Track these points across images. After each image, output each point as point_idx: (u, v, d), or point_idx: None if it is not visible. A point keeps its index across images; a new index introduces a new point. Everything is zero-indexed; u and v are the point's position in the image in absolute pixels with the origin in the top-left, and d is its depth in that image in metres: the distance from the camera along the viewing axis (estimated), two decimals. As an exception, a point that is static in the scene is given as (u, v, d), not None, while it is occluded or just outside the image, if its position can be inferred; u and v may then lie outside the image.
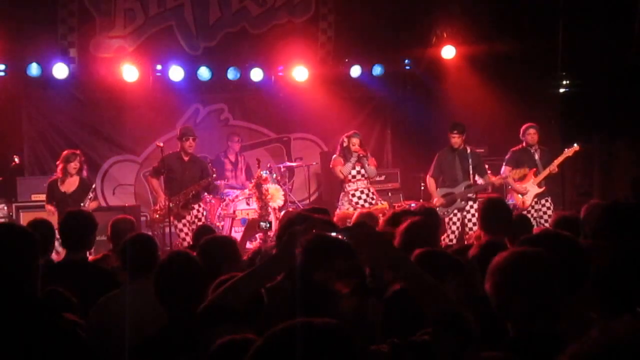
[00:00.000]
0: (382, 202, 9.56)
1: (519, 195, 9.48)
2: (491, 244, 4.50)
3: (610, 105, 11.01)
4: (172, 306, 3.33)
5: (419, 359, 2.24)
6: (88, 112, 12.04)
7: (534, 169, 9.45)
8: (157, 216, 9.62)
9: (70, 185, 8.90)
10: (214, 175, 9.94)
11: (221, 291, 2.55)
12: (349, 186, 9.58)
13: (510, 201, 10.26)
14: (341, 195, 9.76)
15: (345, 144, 9.63)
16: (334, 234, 2.50)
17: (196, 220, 9.69)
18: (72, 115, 11.99)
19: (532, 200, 9.43)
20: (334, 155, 9.84)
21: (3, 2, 10.66)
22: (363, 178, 9.62)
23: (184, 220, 9.60)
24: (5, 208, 9.86)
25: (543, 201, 9.51)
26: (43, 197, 9.88)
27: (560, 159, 9.46)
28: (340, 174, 9.54)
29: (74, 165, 8.86)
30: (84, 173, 9.14)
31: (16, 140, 11.41)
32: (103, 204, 11.74)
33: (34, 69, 10.97)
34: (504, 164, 9.64)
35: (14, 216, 9.72)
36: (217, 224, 10.36)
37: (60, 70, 11.07)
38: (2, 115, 11.15)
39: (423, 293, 2.42)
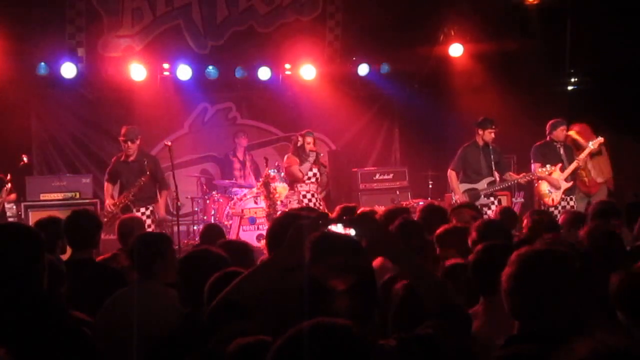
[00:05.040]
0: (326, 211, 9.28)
1: (549, 193, 9.23)
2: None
3: (619, 102, 10.95)
4: (190, 303, 3.30)
5: (424, 351, 2.24)
6: (96, 111, 12.08)
7: (560, 165, 9.22)
8: (105, 220, 8.67)
9: None
10: (147, 174, 8.81)
11: (229, 289, 2.55)
12: (300, 187, 9.42)
13: (518, 199, 10.21)
14: (289, 193, 9.64)
15: (299, 143, 9.40)
16: (339, 225, 2.49)
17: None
18: (80, 114, 12.04)
19: (561, 196, 9.21)
20: (287, 154, 9.67)
21: (11, 2, 10.69)
22: (315, 182, 9.46)
23: None
24: (14, 207, 9.86)
25: (568, 199, 9.28)
26: (52, 196, 9.95)
27: (585, 152, 9.25)
28: (299, 172, 9.31)
29: None
30: None
31: (25, 139, 11.45)
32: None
33: (42, 69, 11.03)
34: (532, 161, 9.38)
35: (22, 215, 9.71)
36: (225, 222, 10.37)
37: (68, 70, 11.12)
38: (11, 114, 11.16)
39: (423, 286, 2.47)
